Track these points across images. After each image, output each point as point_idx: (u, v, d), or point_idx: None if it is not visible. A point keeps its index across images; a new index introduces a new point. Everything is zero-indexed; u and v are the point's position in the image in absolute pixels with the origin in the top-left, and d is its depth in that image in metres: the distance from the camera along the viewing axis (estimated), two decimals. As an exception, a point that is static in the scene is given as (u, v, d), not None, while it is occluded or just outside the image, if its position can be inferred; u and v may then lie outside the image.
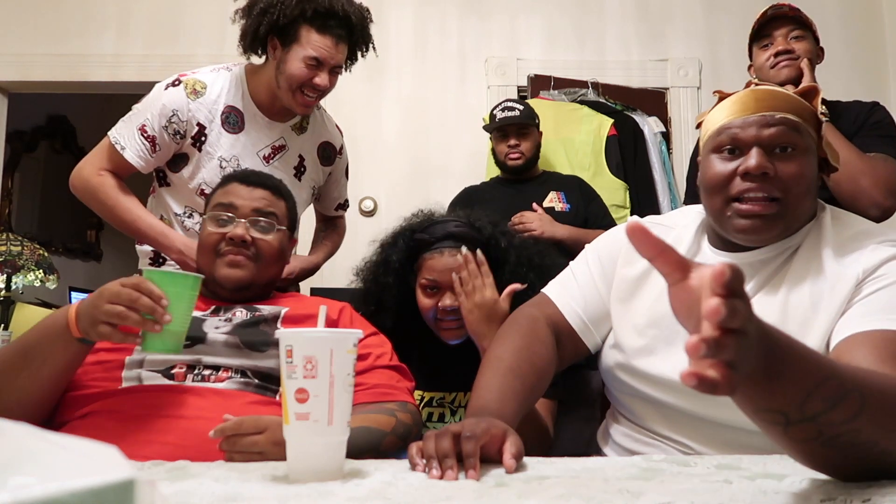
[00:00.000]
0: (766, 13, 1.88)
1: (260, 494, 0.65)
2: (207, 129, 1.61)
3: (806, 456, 0.64)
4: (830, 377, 0.60)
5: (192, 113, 1.60)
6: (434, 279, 1.37)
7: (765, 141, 0.91)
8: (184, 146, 1.62)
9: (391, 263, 1.43)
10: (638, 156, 2.86)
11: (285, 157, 1.72)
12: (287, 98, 1.63)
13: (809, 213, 0.97)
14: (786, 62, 1.82)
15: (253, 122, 1.67)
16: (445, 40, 3.21)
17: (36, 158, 4.52)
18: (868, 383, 0.63)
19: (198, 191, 1.63)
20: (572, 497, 0.62)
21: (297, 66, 1.59)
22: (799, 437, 0.61)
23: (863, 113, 1.81)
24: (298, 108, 1.66)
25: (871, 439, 0.61)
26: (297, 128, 1.75)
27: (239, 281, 1.22)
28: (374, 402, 1.09)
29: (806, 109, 0.94)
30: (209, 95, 1.63)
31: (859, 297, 0.85)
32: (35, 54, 3.12)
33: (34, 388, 1.00)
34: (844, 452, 0.61)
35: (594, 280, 1.09)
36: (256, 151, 1.67)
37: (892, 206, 1.68)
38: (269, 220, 1.25)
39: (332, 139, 1.84)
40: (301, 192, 1.71)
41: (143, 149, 1.60)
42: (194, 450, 0.91)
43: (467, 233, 1.40)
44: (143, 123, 1.60)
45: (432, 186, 3.01)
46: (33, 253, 3.14)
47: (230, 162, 1.63)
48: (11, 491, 0.30)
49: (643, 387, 0.99)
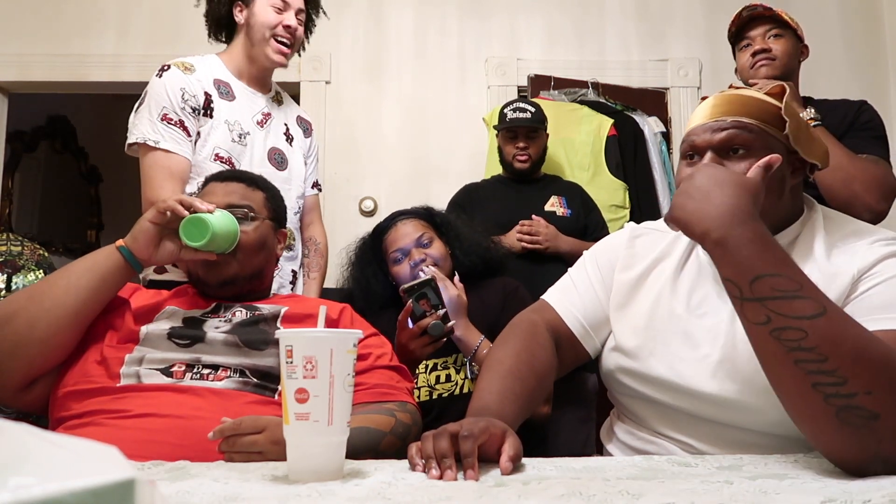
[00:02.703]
0: (742, 15, 1.89)
1: (260, 494, 0.65)
2: (212, 97, 1.69)
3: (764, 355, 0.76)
4: (785, 275, 0.75)
5: (195, 86, 1.66)
6: (398, 247, 1.59)
7: (716, 145, 0.95)
8: (200, 122, 1.67)
9: (365, 260, 1.65)
10: (638, 156, 2.85)
11: (274, 123, 1.81)
12: (262, 50, 1.73)
13: (786, 210, 0.97)
14: (763, 61, 1.83)
15: (240, 92, 1.77)
16: (445, 40, 3.21)
17: (36, 158, 4.51)
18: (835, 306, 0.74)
19: (212, 156, 1.67)
20: (572, 497, 0.62)
21: (265, 11, 1.72)
22: (752, 319, 0.75)
23: (851, 112, 1.81)
24: (276, 57, 1.74)
25: (820, 353, 0.70)
26: (275, 100, 1.86)
27: (221, 277, 1.21)
28: (374, 402, 1.09)
29: (766, 110, 0.95)
30: (199, 71, 1.70)
31: (855, 295, 0.86)
32: (35, 54, 3.12)
33: (69, 298, 1.05)
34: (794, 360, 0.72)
35: (593, 285, 1.09)
36: (251, 117, 1.76)
37: (884, 210, 1.68)
38: (242, 211, 1.25)
39: (305, 116, 1.96)
40: (297, 156, 1.84)
41: (176, 134, 1.62)
42: (194, 450, 0.91)
43: (413, 208, 1.68)
44: (162, 113, 1.61)
45: (432, 186, 3.01)
46: (33, 253, 3.14)
47: (234, 126, 1.70)
48: (11, 491, 0.30)
49: (644, 388, 0.99)
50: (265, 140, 1.76)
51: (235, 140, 1.69)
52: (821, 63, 2.65)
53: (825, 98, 1.86)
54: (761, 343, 0.76)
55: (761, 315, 0.74)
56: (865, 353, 0.71)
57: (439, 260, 1.59)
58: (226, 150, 1.66)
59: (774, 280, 0.74)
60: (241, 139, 1.70)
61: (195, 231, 1.11)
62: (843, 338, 0.71)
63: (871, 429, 0.69)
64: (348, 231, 2.05)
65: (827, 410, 0.71)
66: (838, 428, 0.70)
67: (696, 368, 0.94)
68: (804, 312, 0.72)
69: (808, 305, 0.73)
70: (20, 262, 3.04)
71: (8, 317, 1.03)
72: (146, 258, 1.12)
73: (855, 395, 0.69)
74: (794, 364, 0.72)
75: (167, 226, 1.13)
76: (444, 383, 1.52)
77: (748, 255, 0.77)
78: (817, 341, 0.71)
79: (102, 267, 1.09)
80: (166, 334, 1.12)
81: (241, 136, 1.70)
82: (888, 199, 1.69)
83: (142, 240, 1.11)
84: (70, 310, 1.05)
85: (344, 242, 1.99)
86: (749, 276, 0.76)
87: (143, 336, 1.12)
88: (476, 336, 1.48)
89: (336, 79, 3.16)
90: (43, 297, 1.04)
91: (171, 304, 1.21)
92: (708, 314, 0.96)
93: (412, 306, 1.43)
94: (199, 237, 1.11)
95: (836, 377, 0.70)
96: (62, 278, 1.07)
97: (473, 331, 1.49)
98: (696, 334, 0.96)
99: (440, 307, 1.42)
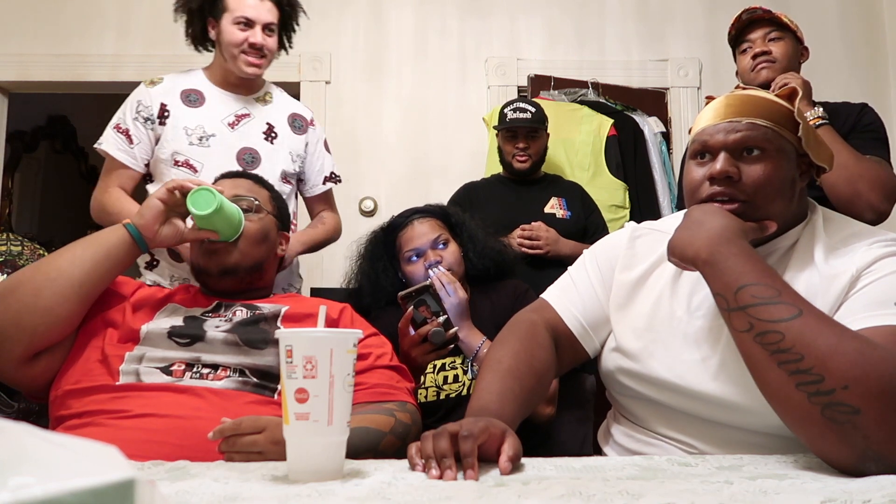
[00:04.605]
0: (742, 18, 1.89)
1: (260, 494, 0.65)
2: (169, 107, 1.79)
3: (751, 361, 0.79)
4: (764, 283, 0.80)
5: (152, 98, 1.79)
6: (413, 247, 1.58)
7: (731, 146, 0.94)
8: (157, 131, 1.78)
9: (375, 254, 1.64)
10: (638, 156, 2.85)
11: (251, 124, 1.85)
12: (234, 65, 1.81)
13: (794, 212, 0.97)
14: (764, 64, 1.84)
15: (213, 97, 1.85)
16: (445, 40, 3.21)
17: (36, 158, 4.52)
18: (813, 308, 0.78)
19: (171, 161, 1.77)
20: (572, 497, 0.62)
21: (230, 31, 1.79)
22: (738, 327, 0.80)
23: (853, 115, 1.82)
24: (247, 70, 1.81)
25: (797, 352, 0.74)
26: (261, 100, 1.91)
27: (222, 265, 1.22)
28: (374, 402, 1.09)
29: (779, 112, 0.95)
30: (166, 84, 1.83)
31: (854, 291, 0.86)
32: (35, 54, 3.12)
33: (74, 268, 1.07)
34: (777, 363, 0.75)
35: (593, 285, 1.09)
36: (220, 119, 1.82)
37: (887, 210, 1.69)
38: (249, 200, 1.29)
39: (302, 112, 1.98)
40: (277, 155, 1.86)
41: (120, 141, 1.77)
42: (194, 450, 0.91)
43: (429, 206, 1.67)
44: (117, 123, 1.80)
45: (432, 186, 3.00)
46: (33, 253, 3.14)
47: (195, 130, 1.78)
48: (11, 491, 0.30)
49: (644, 389, 0.99)
50: (235, 141, 1.81)
51: (194, 143, 1.77)
52: (821, 64, 2.65)
53: (826, 101, 1.86)
54: (747, 349, 0.80)
55: (745, 322, 0.79)
56: (839, 349, 0.73)
57: (454, 265, 1.57)
58: (183, 154, 1.76)
59: (755, 288, 0.80)
60: (201, 142, 1.78)
61: (202, 201, 1.14)
62: (818, 336, 0.74)
63: (854, 425, 0.70)
64: (348, 231, 2.05)
65: (812, 410, 0.72)
66: (826, 427, 0.72)
67: (697, 370, 0.94)
68: (781, 316, 0.77)
69: (784, 309, 0.77)
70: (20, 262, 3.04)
71: (13, 286, 1.05)
72: (151, 236, 1.15)
73: (833, 391, 0.71)
74: (778, 366, 0.76)
75: (175, 207, 1.16)
76: (451, 383, 1.52)
77: (732, 267, 0.83)
78: (793, 341, 0.75)
79: (108, 241, 1.11)
80: (166, 333, 1.12)
81: (201, 138, 1.78)
82: (890, 200, 1.70)
83: (148, 216, 1.13)
84: (75, 280, 1.07)
85: (344, 242, 1.99)
86: (734, 287, 0.81)
87: (143, 335, 1.12)
88: (478, 338, 1.48)
89: (336, 79, 3.16)
90: (49, 267, 1.07)
91: (172, 303, 1.21)
92: (708, 316, 0.96)
93: (412, 313, 1.42)
94: (206, 206, 1.13)
95: (814, 375, 0.73)
96: (68, 251, 1.09)
97: (475, 332, 1.49)
98: (696, 336, 0.96)
99: (440, 314, 1.41)
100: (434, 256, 1.56)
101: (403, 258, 1.60)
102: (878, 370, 0.71)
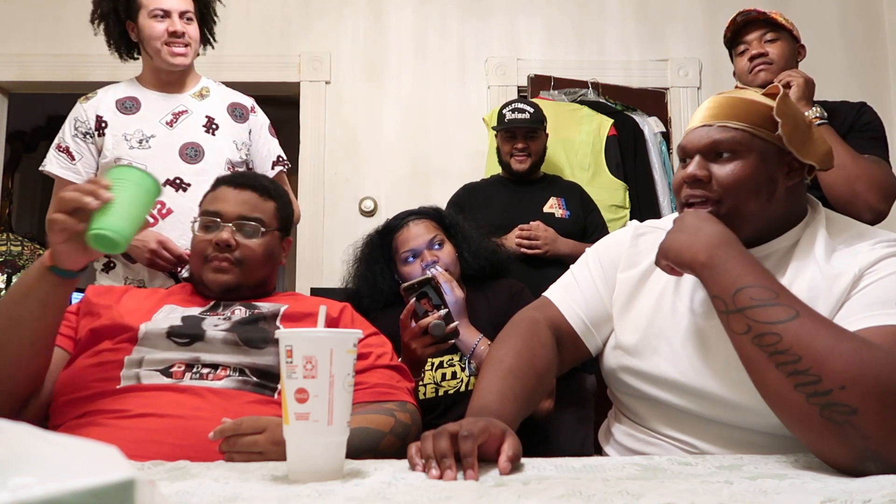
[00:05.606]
0: (737, 20, 1.89)
1: (260, 494, 0.65)
2: (105, 118, 1.84)
3: (749, 363, 0.80)
4: (761, 286, 0.81)
5: (87, 113, 1.85)
6: (410, 248, 1.60)
7: (703, 149, 0.97)
8: (98, 143, 1.83)
9: (372, 257, 1.66)
10: (638, 156, 2.85)
11: (189, 119, 1.88)
12: (159, 59, 1.84)
13: (781, 211, 0.97)
14: (762, 66, 1.84)
15: (149, 101, 1.88)
16: (445, 40, 3.21)
17: (36, 158, 4.50)
18: (810, 309, 0.79)
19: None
20: (572, 497, 0.62)
21: (149, 25, 1.82)
22: (735, 329, 0.81)
23: (851, 114, 1.82)
24: (173, 60, 1.83)
25: (794, 353, 0.75)
26: (197, 95, 1.94)
27: (224, 284, 1.23)
28: (374, 402, 1.09)
29: (756, 112, 0.96)
30: (100, 97, 1.89)
31: (856, 291, 0.87)
32: (35, 54, 3.12)
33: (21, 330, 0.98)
34: (776, 364, 0.76)
35: (595, 283, 1.09)
36: (158, 120, 1.86)
37: (885, 210, 1.69)
38: (253, 225, 1.26)
39: (241, 100, 2.00)
40: (221, 145, 1.89)
41: (62, 159, 1.84)
42: (194, 450, 0.91)
43: (424, 208, 1.70)
44: (58, 143, 1.86)
45: (432, 186, 3.00)
46: (33, 253, 3.14)
47: (133, 135, 1.82)
48: (11, 491, 0.30)
49: (646, 387, 0.99)
50: (175, 138, 1.84)
51: (135, 146, 1.81)
52: (820, 64, 2.65)
53: (825, 100, 1.86)
54: (745, 351, 0.81)
55: (743, 325, 0.81)
56: (836, 349, 0.74)
57: (450, 265, 1.60)
58: (125, 158, 1.79)
59: (752, 290, 0.81)
60: (141, 144, 1.82)
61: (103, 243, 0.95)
62: (815, 337, 0.75)
63: (853, 425, 0.71)
64: (348, 231, 2.06)
65: (811, 410, 0.73)
66: (824, 427, 0.72)
67: (700, 367, 0.94)
68: (778, 317, 0.78)
69: (782, 311, 0.78)
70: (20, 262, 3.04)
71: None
72: (78, 266, 1.01)
73: (830, 391, 0.72)
74: (776, 368, 0.76)
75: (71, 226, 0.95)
76: (450, 380, 1.53)
77: (730, 269, 0.84)
78: (790, 343, 0.76)
79: (40, 292, 0.99)
80: (165, 333, 1.12)
81: (141, 141, 1.82)
82: (889, 200, 1.70)
83: (63, 254, 0.97)
84: (25, 341, 1.00)
85: (344, 242, 1.99)
86: (731, 290, 0.83)
87: (141, 335, 1.11)
88: (474, 335, 1.50)
89: (336, 79, 3.15)
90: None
91: (169, 302, 1.21)
92: (710, 314, 0.96)
93: (414, 305, 1.43)
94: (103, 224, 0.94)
95: (812, 376, 0.74)
96: (3, 317, 1.00)
97: (472, 330, 1.51)
98: (699, 333, 0.96)
99: (441, 307, 1.42)
100: (430, 257, 1.58)
101: (400, 259, 1.62)
102: (875, 370, 0.72)
